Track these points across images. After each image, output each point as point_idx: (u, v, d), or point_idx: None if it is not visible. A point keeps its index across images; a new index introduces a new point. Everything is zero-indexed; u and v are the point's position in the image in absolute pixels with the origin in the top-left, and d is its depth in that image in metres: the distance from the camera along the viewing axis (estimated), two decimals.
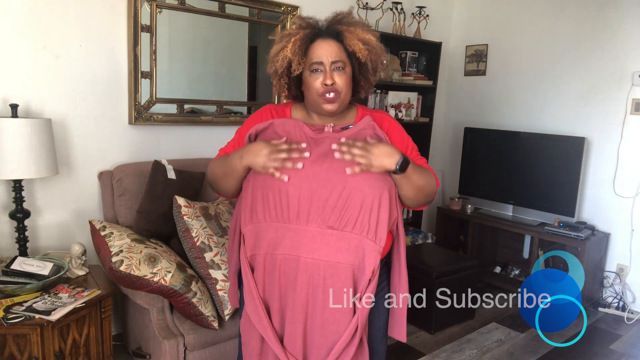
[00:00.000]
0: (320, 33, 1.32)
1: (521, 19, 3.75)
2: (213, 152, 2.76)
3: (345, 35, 1.30)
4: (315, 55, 1.30)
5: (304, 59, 1.31)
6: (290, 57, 1.29)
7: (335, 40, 1.31)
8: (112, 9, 2.35)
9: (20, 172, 1.94)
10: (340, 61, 1.30)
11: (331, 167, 1.24)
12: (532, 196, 3.52)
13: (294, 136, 1.33)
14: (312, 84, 1.31)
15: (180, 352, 1.97)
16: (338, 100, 1.32)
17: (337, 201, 1.22)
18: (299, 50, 1.29)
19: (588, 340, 2.90)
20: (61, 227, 2.34)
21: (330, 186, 1.23)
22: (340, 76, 1.31)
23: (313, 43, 1.31)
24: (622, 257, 3.32)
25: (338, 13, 1.35)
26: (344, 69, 1.32)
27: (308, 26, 1.33)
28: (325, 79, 1.29)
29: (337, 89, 1.30)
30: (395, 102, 3.61)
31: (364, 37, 1.31)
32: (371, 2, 3.38)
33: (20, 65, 2.13)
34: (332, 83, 1.29)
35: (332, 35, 1.31)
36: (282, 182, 1.24)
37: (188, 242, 2.06)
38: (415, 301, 1.65)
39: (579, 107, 3.46)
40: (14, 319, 1.68)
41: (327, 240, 1.23)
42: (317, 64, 1.30)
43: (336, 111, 1.34)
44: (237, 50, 2.92)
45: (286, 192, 1.24)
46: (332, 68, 1.30)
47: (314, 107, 1.35)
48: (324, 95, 1.30)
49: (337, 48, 1.31)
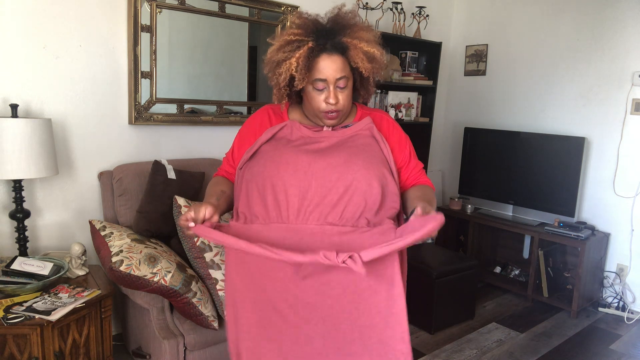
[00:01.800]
0: (325, 47, 1.27)
1: (521, 19, 3.75)
2: (213, 152, 2.80)
3: (351, 51, 1.27)
4: (320, 72, 1.27)
5: (307, 73, 1.27)
6: (294, 73, 1.27)
7: (340, 55, 1.27)
8: (112, 9, 2.35)
9: (20, 172, 1.94)
10: (344, 77, 1.28)
11: (329, 164, 1.24)
12: (532, 196, 3.52)
13: (293, 136, 1.33)
14: (315, 99, 1.30)
15: (180, 352, 1.97)
16: (339, 116, 1.32)
17: (336, 198, 1.22)
18: (303, 68, 1.26)
19: (588, 340, 2.90)
20: (61, 227, 2.34)
21: (329, 184, 1.23)
22: (343, 92, 1.29)
23: (318, 57, 1.27)
24: (622, 257, 3.32)
25: (340, 9, 1.32)
26: (347, 84, 1.30)
27: (310, 32, 1.28)
28: (328, 98, 1.28)
29: (339, 107, 1.30)
30: (395, 102, 3.61)
31: (369, 51, 1.28)
32: (371, 2, 3.38)
33: (20, 65, 2.13)
34: (335, 102, 1.28)
35: (337, 49, 1.27)
36: (280, 181, 1.23)
37: (188, 242, 2.06)
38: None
39: (579, 107, 3.46)
40: (14, 319, 1.69)
41: (327, 236, 1.22)
42: (321, 82, 1.28)
43: (336, 124, 1.34)
44: (237, 50, 2.92)
45: (285, 192, 1.24)
46: (336, 85, 1.28)
47: (314, 118, 1.35)
48: (327, 112, 1.30)
49: (342, 63, 1.28)
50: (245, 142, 1.43)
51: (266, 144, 1.34)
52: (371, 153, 1.31)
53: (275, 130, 1.35)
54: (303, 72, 1.26)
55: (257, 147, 1.35)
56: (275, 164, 1.27)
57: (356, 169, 1.24)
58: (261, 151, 1.33)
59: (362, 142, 1.34)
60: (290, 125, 1.36)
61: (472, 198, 3.90)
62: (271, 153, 1.30)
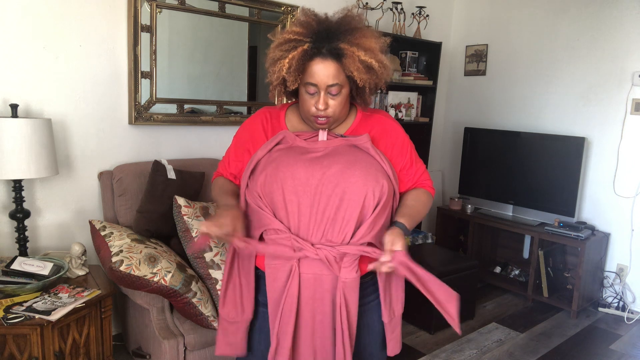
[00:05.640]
0: (319, 51, 1.22)
1: (521, 19, 3.75)
2: (213, 152, 2.80)
3: (346, 59, 1.21)
4: (311, 76, 1.23)
5: (300, 75, 1.24)
6: (285, 76, 1.23)
7: (334, 61, 1.21)
8: (112, 9, 2.35)
9: (20, 172, 1.94)
10: (337, 85, 1.23)
11: (324, 175, 1.22)
12: (532, 196, 3.52)
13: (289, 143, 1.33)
14: (307, 102, 1.27)
15: (180, 352, 1.97)
16: (329, 122, 1.29)
17: (334, 213, 1.22)
18: (295, 71, 1.22)
19: (588, 340, 2.90)
20: (61, 227, 2.34)
21: (325, 198, 1.21)
22: (335, 99, 1.25)
23: (311, 61, 1.22)
24: (622, 257, 3.32)
25: (349, 11, 1.27)
26: (340, 92, 1.26)
27: (310, 33, 1.24)
28: (317, 103, 1.24)
29: (329, 114, 1.26)
30: (395, 102, 3.61)
31: (366, 60, 1.22)
32: (371, 2, 3.38)
33: (20, 65, 2.13)
34: (324, 108, 1.25)
35: (333, 55, 1.21)
36: (281, 197, 1.23)
37: (188, 242, 2.06)
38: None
39: (579, 107, 3.46)
40: (14, 319, 1.68)
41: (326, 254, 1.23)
42: (311, 86, 1.24)
43: (328, 128, 1.32)
44: (237, 50, 2.92)
45: (285, 211, 1.23)
46: (327, 91, 1.24)
47: (306, 120, 1.34)
48: (316, 117, 1.27)
49: (336, 70, 1.22)
50: (243, 148, 1.41)
51: (263, 158, 1.31)
52: (369, 161, 1.28)
53: (271, 145, 1.32)
54: (295, 75, 1.22)
55: (255, 164, 1.32)
56: (277, 180, 1.25)
57: (353, 181, 1.22)
58: (258, 169, 1.31)
59: (359, 151, 1.32)
60: (285, 138, 1.33)
61: (472, 198, 3.90)
62: (270, 171, 1.27)
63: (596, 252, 3.27)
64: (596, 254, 3.27)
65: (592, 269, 3.26)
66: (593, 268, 3.27)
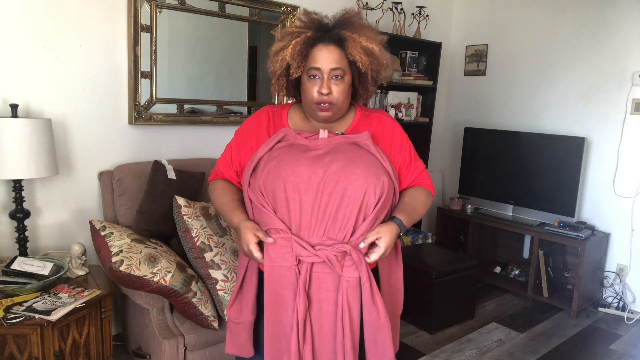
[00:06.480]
0: (322, 37, 1.27)
1: (521, 19, 3.75)
2: (213, 152, 2.80)
3: (348, 43, 1.26)
4: (314, 60, 1.26)
5: (303, 62, 1.27)
6: (289, 61, 1.26)
7: (336, 47, 1.27)
8: (112, 9, 2.35)
9: (20, 172, 1.94)
10: (339, 69, 1.27)
11: (325, 173, 1.22)
12: (532, 196, 3.52)
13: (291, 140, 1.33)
14: (309, 90, 1.29)
15: (180, 352, 1.97)
16: (332, 110, 1.30)
17: (335, 211, 1.22)
18: (299, 55, 1.25)
19: (588, 340, 2.90)
20: (61, 227, 2.34)
21: (326, 196, 1.22)
22: (338, 85, 1.28)
23: (314, 47, 1.27)
24: (622, 257, 3.32)
25: (347, 11, 1.31)
26: (343, 77, 1.28)
27: (312, 26, 1.29)
28: (321, 88, 1.26)
29: (332, 100, 1.28)
30: (395, 102, 3.61)
31: (367, 45, 1.27)
32: (371, 2, 3.38)
33: (20, 65, 2.13)
34: (327, 92, 1.27)
35: (335, 40, 1.27)
36: (283, 195, 1.24)
37: (188, 242, 2.06)
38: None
39: (579, 107, 3.46)
40: (14, 319, 1.68)
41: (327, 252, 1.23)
42: (315, 70, 1.27)
43: (330, 118, 1.33)
44: (237, 50, 2.92)
45: (287, 209, 1.24)
46: (330, 76, 1.27)
47: (309, 112, 1.34)
48: (319, 104, 1.29)
49: (338, 55, 1.27)
50: (245, 145, 1.41)
51: (265, 156, 1.32)
52: (369, 159, 1.29)
53: (272, 143, 1.33)
54: (298, 60, 1.25)
55: (256, 162, 1.32)
56: (278, 179, 1.25)
57: (354, 178, 1.23)
58: (260, 167, 1.31)
59: (359, 149, 1.33)
60: (286, 135, 1.33)
61: (472, 198, 3.90)
62: (272, 168, 1.28)
63: (596, 252, 3.27)
64: (596, 254, 3.27)
65: (592, 269, 3.26)
66: (593, 268, 3.27)
